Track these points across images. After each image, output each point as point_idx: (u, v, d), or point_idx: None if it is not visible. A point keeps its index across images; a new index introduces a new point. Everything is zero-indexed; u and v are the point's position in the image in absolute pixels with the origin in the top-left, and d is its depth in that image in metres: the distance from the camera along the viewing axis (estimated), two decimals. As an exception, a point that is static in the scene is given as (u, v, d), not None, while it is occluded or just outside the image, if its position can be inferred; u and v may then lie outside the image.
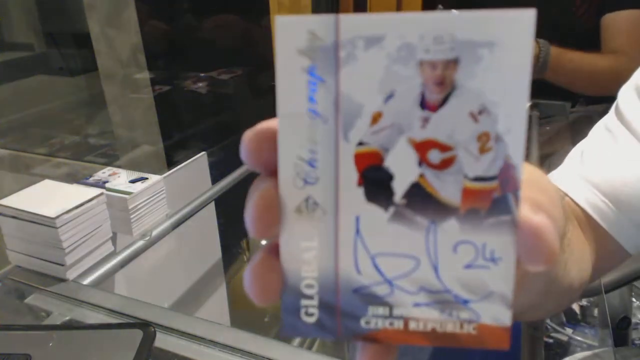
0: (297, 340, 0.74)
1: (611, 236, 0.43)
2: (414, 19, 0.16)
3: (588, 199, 0.44)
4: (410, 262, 0.18)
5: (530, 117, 1.23)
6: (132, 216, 0.77)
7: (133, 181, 0.80)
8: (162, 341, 0.56)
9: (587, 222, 0.44)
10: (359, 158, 0.17)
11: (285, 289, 0.18)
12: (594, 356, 0.55)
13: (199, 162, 0.99)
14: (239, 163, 0.21)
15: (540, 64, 1.18)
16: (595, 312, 0.64)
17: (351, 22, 0.16)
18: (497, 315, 0.18)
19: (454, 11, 0.16)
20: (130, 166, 0.92)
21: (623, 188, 0.42)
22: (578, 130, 1.19)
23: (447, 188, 0.17)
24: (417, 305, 0.18)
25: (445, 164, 0.17)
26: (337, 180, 0.18)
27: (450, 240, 0.18)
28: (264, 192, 0.18)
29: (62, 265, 0.67)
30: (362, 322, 0.18)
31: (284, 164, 0.18)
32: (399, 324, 0.18)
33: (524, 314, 0.34)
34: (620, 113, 0.46)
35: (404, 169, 0.17)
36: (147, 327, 0.54)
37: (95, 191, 0.71)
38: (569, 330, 0.60)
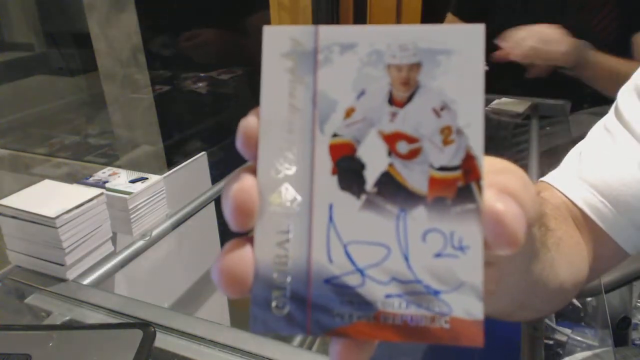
0: (297, 340, 0.74)
1: (609, 236, 0.43)
2: (382, 31, 0.19)
3: (586, 199, 0.44)
4: (382, 251, 0.19)
5: (530, 117, 1.23)
6: (132, 216, 0.77)
7: (133, 181, 0.80)
8: (162, 341, 0.56)
9: (585, 223, 0.43)
10: (333, 149, 0.19)
11: (256, 279, 0.19)
12: (594, 356, 0.55)
13: (199, 162, 0.99)
14: (239, 163, 0.22)
15: (579, 58, 1.16)
16: (595, 312, 0.64)
17: (329, 32, 0.19)
18: (469, 307, 0.18)
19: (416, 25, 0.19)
20: (130, 166, 0.92)
21: (621, 188, 0.42)
22: (578, 130, 1.19)
23: (414, 177, 0.19)
24: (388, 296, 0.18)
25: (413, 154, 0.19)
26: (313, 169, 0.19)
27: (419, 228, 0.18)
28: (242, 183, 0.19)
29: (62, 265, 0.67)
30: (334, 315, 0.18)
31: (264, 153, 0.19)
32: (370, 318, 0.18)
33: (513, 313, 0.34)
34: (620, 113, 0.46)
35: (374, 159, 0.19)
36: (147, 327, 0.54)
37: (95, 191, 0.71)
38: (568, 331, 0.60)
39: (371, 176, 0.19)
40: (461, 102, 0.18)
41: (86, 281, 0.70)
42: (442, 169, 0.19)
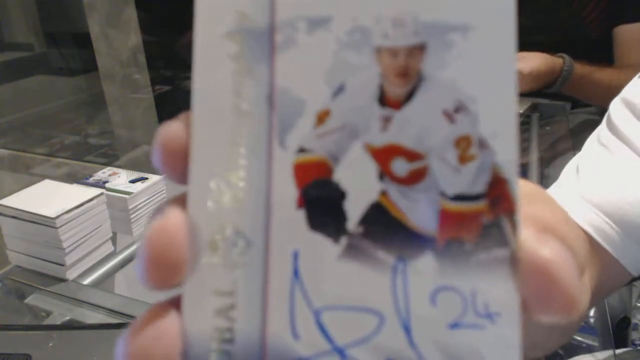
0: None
1: (616, 259, 0.40)
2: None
3: (590, 220, 0.41)
4: (371, 320, 0.13)
5: (530, 118, 1.23)
6: (132, 216, 0.77)
7: (133, 181, 0.80)
8: (162, 341, 0.56)
9: (589, 246, 0.41)
10: (299, 170, 0.13)
11: None
12: (593, 358, 0.55)
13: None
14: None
15: (560, 80, 1.17)
16: (595, 312, 0.64)
17: (290, 1, 0.13)
18: None
19: None
20: (130, 166, 0.92)
21: (627, 207, 0.40)
22: (578, 130, 1.19)
23: (418, 211, 0.13)
24: None
25: (415, 178, 0.13)
26: (269, 201, 0.13)
27: (426, 286, 0.13)
28: (165, 221, 0.13)
29: (62, 265, 0.67)
30: None
31: (197, 178, 0.13)
32: None
33: (525, 355, 0.31)
34: (615, 128, 0.45)
35: (359, 185, 0.13)
36: (147, 327, 0.54)
37: (95, 191, 0.71)
38: (569, 331, 0.60)
39: (355, 210, 0.13)
40: (485, 101, 0.13)
41: (86, 281, 0.70)
42: (458, 198, 0.13)
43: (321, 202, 0.13)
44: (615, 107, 0.46)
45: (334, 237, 0.13)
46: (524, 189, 0.14)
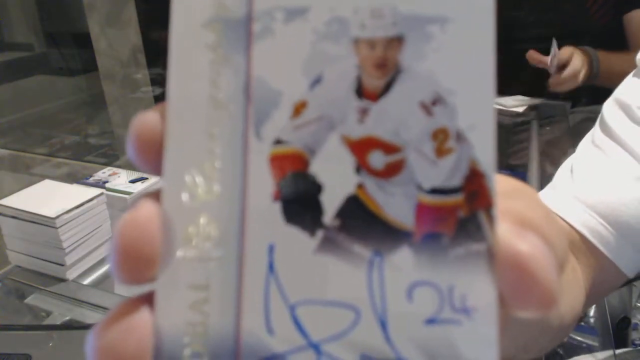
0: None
1: (610, 261, 0.40)
2: None
3: (584, 221, 0.41)
4: (347, 315, 0.13)
5: (530, 117, 1.23)
6: (132, 216, 0.77)
7: (133, 181, 0.80)
8: (162, 341, 0.56)
9: (583, 247, 0.41)
10: (275, 162, 0.13)
11: (158, 358, 0.13)
12: (593, 358, 0.55)
13: (199, 162, 0.99)
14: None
15: (594, 72, 1.17)
16: (595, 312, 0.64)
17: None
18: None
19: None
20: (130, 166, 0.92)
21: (621, 208, 0.40)
22: (578, 130, 1.19)
23: (395, 204, 0.13)
24: None
25: (392, 171, 0.13)
26: (245, 193, 0.13)
27: (402, 281, 0.13)
28: (137, 213, 0.13)
29: (62, 265, 0.67)
30: None
31: (171, 170, 0.13)
32: None
33: (516, 357, 0.30)
34: (609, 129, 0.45)
35: (336, 177, 0.13)
36: (147, 327, 0.54)
37: (95, 191, 0.71)
38: (568, 331, 0.60)
39: (331, 203, 0.13)
40: (462, 94, 0.13)
41: (86, 281, 0.70)
42: (435, 191, 0.13)
43: (297, 195, 0.13)
44: (609, 108, 0.46)
45: (310, 231, 0.13)
46: (504, 184, 0.14)
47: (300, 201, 0.13)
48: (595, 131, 0.47)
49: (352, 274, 0.13)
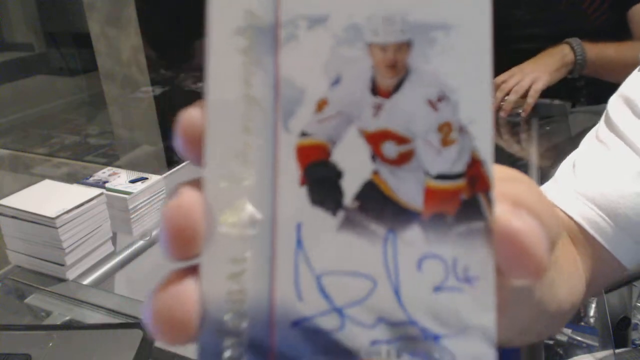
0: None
1: (609, 252, 0.41)
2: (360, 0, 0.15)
3: (584, 213, 0.42)
4: (366, 284, 0.15)
5: (530, 117, 1.23)
6: (132, 216, 0.77)
7: (133, 181, 0.80)
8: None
9: (582, 238, 0.42)
10: (301, 151, 0.15)
11: (204, 324, 0.14)
12: (593, 358, 0.55)
13: (199, 162, 0.99)
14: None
15: (578, 63, 1.17)
16: (595, 312, 0.64)
17: (292, 0, 0.15)
18: (477, 356, 0.14)
19: None
20: (130, 166, 0.92)
21: (620, 201, 0.41)
22: (578, 130, 1.19)
23: (406, 188, 0.15)
24: (374, 343, 0.15)
25: (403, 159, 0.15)
26: (276, 179, 0.15)
27: (413, 254, 0.15)
28: (182, 199, 0.15)
29: (62, 265, 0.67)
30: None
31: (212, 159, 0.15)
32: None
33: (513, 340, 0.31)
34: (613, 124, 0.45)
35: (354, 165, 0.15)
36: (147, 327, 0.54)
37: (95, 191, 0.71)
38: (568, 331, 0.60)
39: (350, 187, 0.15)
40: (464, 92, 0.15)
41: (86, 281, 0.70)
42: (440, 177, 0.15)
43: (321, 181, 0.15)
44: (614, 103, 0.46)
45: (332, 211, 0.15)
46: (503, 172, 0.17)
47: (323, 186, 0.15)
48: (600, 126, 0.47)
49: (369, 249, 0.15)
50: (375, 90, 0.15)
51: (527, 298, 0.28)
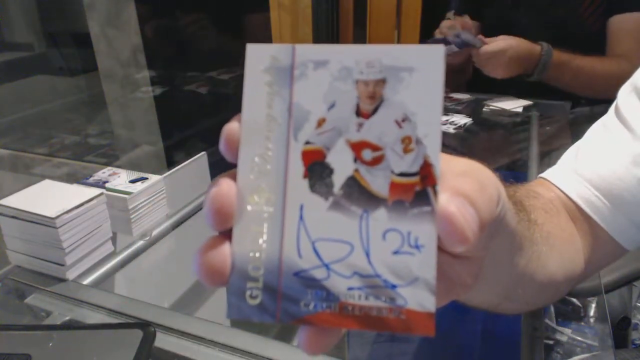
0: (297, 340, 0.74)
1: (605, 230, 0.43)
2: (351, 49, 0.21)
3: (580, 192, 0.44)
4: (346, 248, 0.20)
5: (530, 117, 1.23)
6: (132, 216, 0.77)
7: (133, 181, 0.80)
8: (162, 341, 0.56)
9: (581, 216, 0.44)
10: (305, 155, 0.21)
11: (233, 271, 0.21)
12: (593, 358, 0.55)
13: (199, 162, 0.99)
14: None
15: (540, 66, 1.18)
16: (595, 312, 0.64)
17: (304, 50, 0.21)
18: (422, 301, 0.20)
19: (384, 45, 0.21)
20: (130, 166, 0.92)
21: (615, 182, 0.42)
22: (578, 130, 1.19)
23: (377, 181, 0.21)
24: (350, 289, 0.20)
25: (376, 161, 0.21)
26: (287, 173, 0.21)
27: (380, 228, 0.20)
28: (221, 187, 0.21)
29: (62, 265, 0.67)
30: (301, 305, 0.20)
31: (244, 158, 0.21)
32: (334, 308, 0.20)
33: (500, 305, 0.35)
34: (619, 111, 0.46)
35: (342, 165, 0.21)
36: (147, 327, 0.54)
37: (95, 191, 0.71)
38: (568, 331, 0.60)
39: (338, 180, 0.21)
40: (420, 115, 0.20)
41: (86, 281, 0.70)
42: (402, 174, 0.20)
43: (318, 175, 0.21)
44: (623, 92, 0.48)
45: (325, 197, 0.21)
46: (460, 167, 0.23)
47: (319, 179, 0.21)
48: (609, 114, 0.48)
49: (349, 223, 0.21)
50: (358, 113, 0.21)
51: (508, 267, 0.30)
